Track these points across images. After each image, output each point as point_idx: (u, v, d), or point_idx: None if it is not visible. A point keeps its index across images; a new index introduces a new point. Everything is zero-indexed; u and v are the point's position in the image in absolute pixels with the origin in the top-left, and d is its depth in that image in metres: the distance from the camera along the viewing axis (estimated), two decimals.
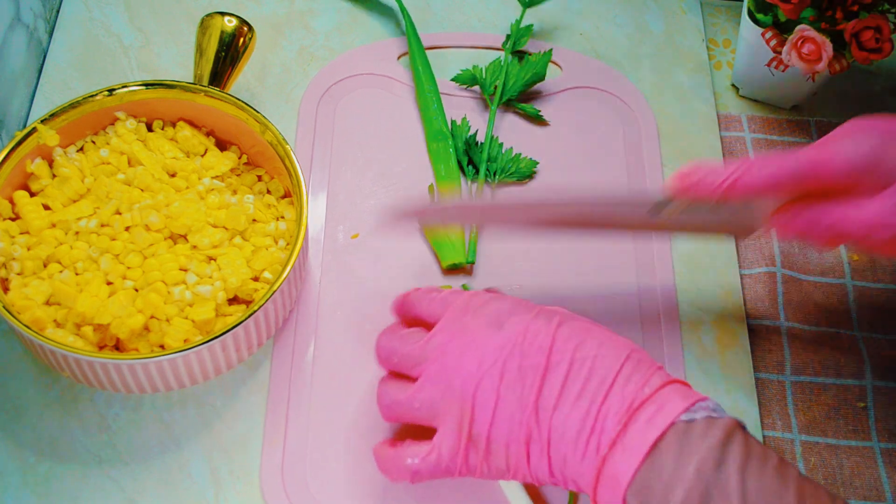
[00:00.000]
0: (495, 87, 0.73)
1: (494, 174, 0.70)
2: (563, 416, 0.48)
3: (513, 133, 0.72)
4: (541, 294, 0.65)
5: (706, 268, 0.68)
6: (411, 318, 0.56)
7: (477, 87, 0.75)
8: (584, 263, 0.67)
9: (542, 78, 0.74)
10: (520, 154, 0.71)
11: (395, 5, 0.77)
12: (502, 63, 0.74)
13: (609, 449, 0.46)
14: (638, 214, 0.58)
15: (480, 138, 0.71)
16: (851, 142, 0.52)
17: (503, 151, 0.71)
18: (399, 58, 0.75)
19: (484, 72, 0.74)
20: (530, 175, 0.70)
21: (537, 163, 0.71)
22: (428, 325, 0.54)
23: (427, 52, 0.75)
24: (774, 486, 0.44)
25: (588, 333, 0.50)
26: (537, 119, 0.73)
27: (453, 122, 0.72)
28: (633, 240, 0.68)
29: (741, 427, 0.46)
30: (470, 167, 0.70)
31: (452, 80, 0.74)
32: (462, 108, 0.73)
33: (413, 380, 0.52)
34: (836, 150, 0.52)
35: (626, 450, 0.45)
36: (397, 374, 0.54)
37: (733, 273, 0.68)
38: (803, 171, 0.52)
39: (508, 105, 0.74)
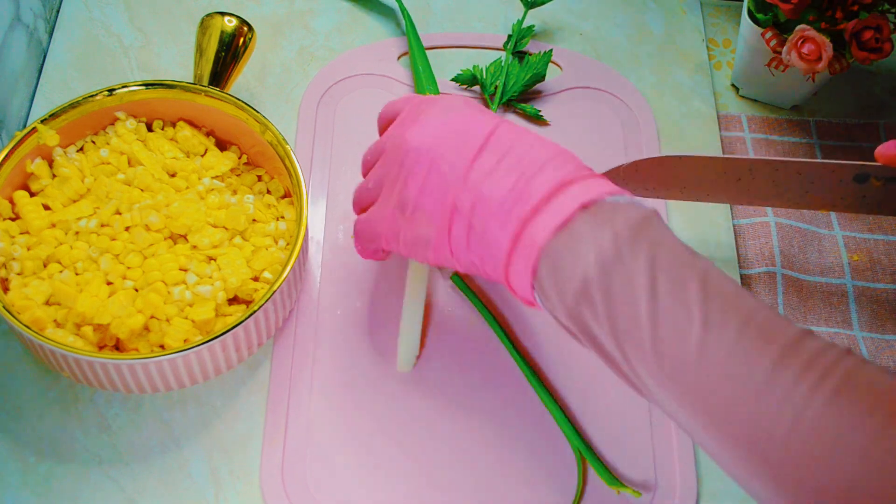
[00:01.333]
0: (496, 87, 0.73)
1: None
2: (490, 184, 0.49)
3: None
4: None
5: None
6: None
7: (477, 87, 0.75)
8: None
9: (542, 78, 0.74)
10: None
11: (396, 5, 0.77)
12: (503, 63, 0.74)
13: (531, 215, 0.47)
14: (843, 182, 0.60)
15: None
16: None
17: None
18: (399, 58, 0.75)
19: (484, 72, 0.74)
20: None
21: None
22: None
23: (427, 52, 0.75)
24: (684, 258, 0.44)
25: (530, 132, 0.51)
26: (537, 119, 0.73)
27: None
28: None
29: (659, 217, 0.47)
30: None
31: (453, 79, 0.74)
32: None
33: None
34: None
35: (547, 217, 0.46)
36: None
37: (733, 273, 0.68)
38: None
39: (508, 105, 0.74)
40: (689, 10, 0.81)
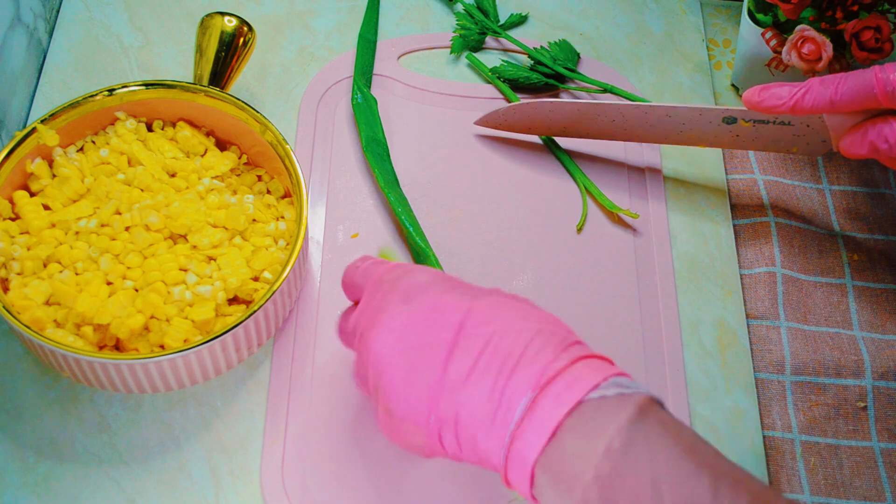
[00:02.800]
0: None
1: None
2: (468, 394, 0.46)
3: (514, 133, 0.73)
4: (537, 295, 0.65)
5: (706, 268, 0.68)
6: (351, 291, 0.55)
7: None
8: (584, 263, 0.67)
9: None
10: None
11: (394, 3, 0.77)
12: None
13: (516, 427, 0.44)
14: (713, 123, 0.64)
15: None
16: None
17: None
18: (399, 58, 0.75)
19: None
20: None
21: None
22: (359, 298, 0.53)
23: (427, 52, 0.76)
24: (688, 468, 0.41)
25: (502, 308, 0.48)
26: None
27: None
28: (633, 240, 0.68)
29: (656, 403, 0.44)
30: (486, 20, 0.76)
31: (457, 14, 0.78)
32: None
33: None
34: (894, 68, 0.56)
35: (533, 428, 0.44)
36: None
37: (733, 273, 0.68)
38: (865, 88, 0.56)
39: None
40: (689, 10, 0.81)
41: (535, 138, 0.72)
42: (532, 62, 0.75)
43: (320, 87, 0.73)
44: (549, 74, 0.74)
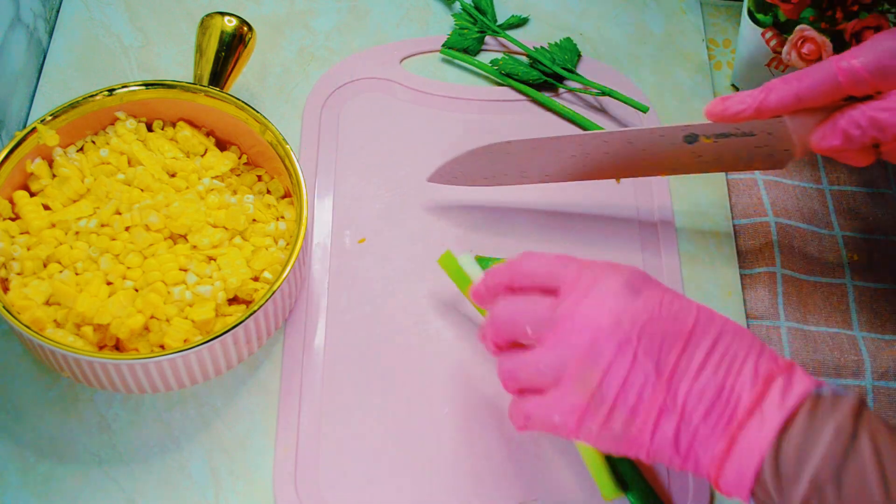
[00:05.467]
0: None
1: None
2: (699, 386, 0.47)
3: (517, 131, 0.72)
4: None
5: (706, 268, 0.68)
6: (519, 288, 0.54)
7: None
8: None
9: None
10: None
11: (394, 3, 0.78)
12: None
13: (745, 418, 0.46)
14: (675, 144, 0.61)
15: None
16: (870, 46, 0.55)
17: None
18: (401, 61, 0.75)
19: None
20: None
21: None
22: (543, 291, 0.52)
23: (426, 55, 0.76)
24: None
25: (717, 314, 0.50)
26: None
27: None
28: (640, 240, 0.68)
29: (866, 404, 0.47)
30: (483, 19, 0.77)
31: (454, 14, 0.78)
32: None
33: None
34: (855, 55, 0.55)
35: (762, 421, 0.46)
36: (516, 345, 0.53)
37: (733, 273, 0.68)
38: (828, 77, 0.56)
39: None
40: (689, 10, 0.81)
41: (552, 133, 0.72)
42: (531, 61, 0.75)
43: (324, 91, 0.73)
44: (547, 73, 0.74)
